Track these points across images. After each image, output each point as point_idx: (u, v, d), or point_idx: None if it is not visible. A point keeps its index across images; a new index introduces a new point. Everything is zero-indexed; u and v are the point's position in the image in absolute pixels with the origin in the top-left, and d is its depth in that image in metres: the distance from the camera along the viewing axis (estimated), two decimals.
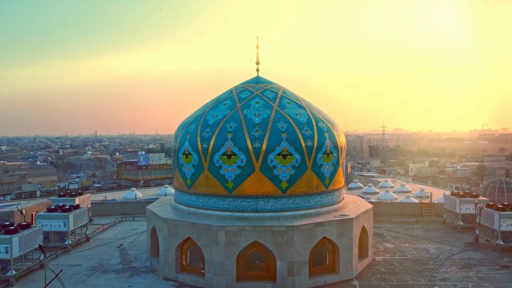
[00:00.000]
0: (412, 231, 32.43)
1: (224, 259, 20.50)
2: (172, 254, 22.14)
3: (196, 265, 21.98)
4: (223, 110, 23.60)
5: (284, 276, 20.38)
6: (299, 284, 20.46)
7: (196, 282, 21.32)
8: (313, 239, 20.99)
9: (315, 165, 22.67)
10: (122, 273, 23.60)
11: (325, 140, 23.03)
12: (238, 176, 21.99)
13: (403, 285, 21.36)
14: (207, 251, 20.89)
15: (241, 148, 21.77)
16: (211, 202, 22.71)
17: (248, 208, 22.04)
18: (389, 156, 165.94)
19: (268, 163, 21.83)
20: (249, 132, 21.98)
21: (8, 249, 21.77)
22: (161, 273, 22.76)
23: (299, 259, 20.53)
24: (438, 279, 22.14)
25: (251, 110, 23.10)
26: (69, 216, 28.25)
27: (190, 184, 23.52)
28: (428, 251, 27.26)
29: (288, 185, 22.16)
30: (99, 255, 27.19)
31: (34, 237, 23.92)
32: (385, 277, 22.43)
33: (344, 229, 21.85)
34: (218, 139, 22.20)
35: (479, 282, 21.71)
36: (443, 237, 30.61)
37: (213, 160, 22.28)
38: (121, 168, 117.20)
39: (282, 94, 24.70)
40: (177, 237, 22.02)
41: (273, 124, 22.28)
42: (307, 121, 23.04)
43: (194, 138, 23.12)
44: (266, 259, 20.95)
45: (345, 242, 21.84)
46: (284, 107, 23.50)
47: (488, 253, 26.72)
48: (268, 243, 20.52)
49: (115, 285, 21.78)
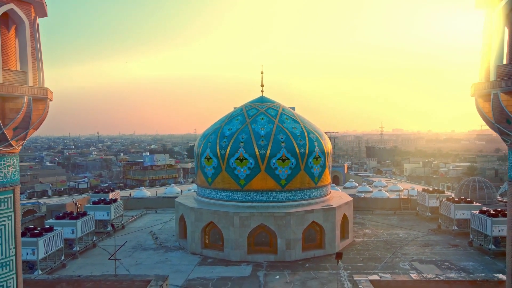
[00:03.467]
0: (389, 221, 39.34)
1: (238, 237, 27.47)
2: (197, 234, 29.11)
3: (216, 243, 28.93)
4: (236, 124, 30.58)
5: (283, 250, 27.35)
6: (294, 255, 27.42)
7: (216, 255, 28.29)
8: (305, 222, 27.95)
9: (307, 167, 29.62)
10: (158, 250, 30.59)
11: (314, 147, 29.98)
12: (248, 175, 28.96)
13: (373, 257, 28.28)
14: (225, 231, 27.86)
15: (251, 154, 28.73)
16: (227, 195, 29.68)
17: (255, 199, 29.01)
18: (386, 157, 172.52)
19: (271, 166, 28.79)
20: (257, 142, 28.94)
21: (74, 230, 28.79)
22: (189, 249, 29.71)
23: (294, 237, 27.48)
24: (401, 253, 29.06)
25: (257, 124, 30.07)
26: (111, 207, 35.26)
27: (211, 181, 30.51)
28: (398, 235, 34.14)
29: (286, 182, 29.13)
30: (136, 238, 34.12)
31: (90, 222, 30.97)
32: (360, 252, 29.38)
33: (328, 215, 28.79)
34: (233, 147, 29.17)
35: (431, 255, 28.63)
36: (413, 225, 37.52)
37: (229, 163, 29.24)
38: (127, 168, 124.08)
39: (282, 111, 31.67)
40: (202, 222, 28.99)
41: (274, 136, 29.25)
42: (301, 133, 29.99)
43: (214, 146, 30.09)
44: (270, 237, 27.92)
45: (329, 225, 28.78)
46: (283, 122, 30.46)
47: (445, 236, 33.62)
48: (271, 225, 27.49)
49: (155, 258, 28.76)
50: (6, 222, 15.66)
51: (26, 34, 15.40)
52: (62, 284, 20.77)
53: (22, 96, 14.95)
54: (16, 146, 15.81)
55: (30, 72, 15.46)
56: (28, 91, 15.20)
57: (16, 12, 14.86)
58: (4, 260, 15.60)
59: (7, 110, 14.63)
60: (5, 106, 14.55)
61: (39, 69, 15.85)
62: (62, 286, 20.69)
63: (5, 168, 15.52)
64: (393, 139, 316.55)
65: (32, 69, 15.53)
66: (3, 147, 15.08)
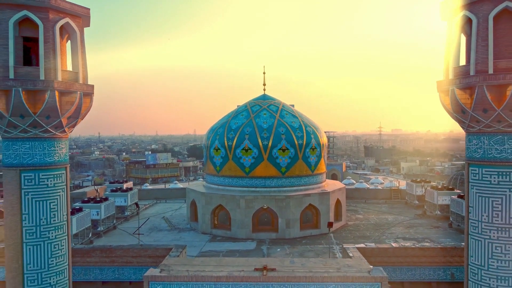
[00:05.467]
0: (379, 208, 43.14)
1: (244, 218, 31.26)
2: (208, 216, 32.88)
3: (224, 223, 32.72)
4: (242, 119, 34.39)
5: (283, 228, 31.14)
6: (293, 233, 31.22)
7: (224, 233, 32.08)
8: (302, 205, 31.74)
9: (304, 157, 33.42)
10: (172, 231, 34.39)
11: (311, 139, 33.78)
12: (253, 164, 32.79)
13: (363, 236, 32.07)
14: (232, 213, 31.65)
15: (255, 145, 32.54)
16: (234, 181, 33.51)
17: (259, 185, 32.86)
18: (384, 156, 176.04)
19: (273, 155, 32.58)
20: (260, 134, 32.74)
21: (99, 212, 32.60)
22: (200, 230, 33.49)
23: (293, 217, 31.28)
24: (387, 233, 32.85)
25: (261, 119, 33.88)
26: (128, 195, 39.08)
27: (219, 169, 34.32)
28: (387, 219, 37.94)
29: (286, 170, 32.93)
30: (151, 222, 37.83)
31: (111, 206, 34.78)
32: (352, 232, 33.17)
33: (323, 199, 32.58)
34: (239, 139, 32.97)
35: (414, 234, 32.42)
36: (401, 211, 41.33)
37: (235, 153, 33.04)
38: (130, 167, 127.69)
39: (282, 108, 35.51)
40: (211, 205, 32.79)
41: (276, 129, 33.05)
42: (299, 127, 33.81)
43: (222, 138, 33.88)
44: (271, 217, 31.72)
45: (324, 208, 32.55)
46: (283, 117, 34.28)
47: (429, 220, 37.41)
48: (273, 207, 31.30)
49: (170, 236, 32.55)
50: (60, 193, 19.65)
51: (77, 42, 19.40)
52: (97, 252, 24.64)
53: (75, 91, 18.96)
54: (68, 132, 19.79)
55: (80, 72, 19.48)
56: (80, 88, 19.20)
57: (70, 25, 18.83)
58: (59, 223, 19.53)
59: (63, 102, 18.61)
60: (62, 99, 18.52)
61: (86, 70, 19.81)
62: (97, 253, 24.56)
63: (60, 149, 19.51)
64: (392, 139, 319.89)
65: (82, 70, 19.51)
66: (59, 132, 19.07)
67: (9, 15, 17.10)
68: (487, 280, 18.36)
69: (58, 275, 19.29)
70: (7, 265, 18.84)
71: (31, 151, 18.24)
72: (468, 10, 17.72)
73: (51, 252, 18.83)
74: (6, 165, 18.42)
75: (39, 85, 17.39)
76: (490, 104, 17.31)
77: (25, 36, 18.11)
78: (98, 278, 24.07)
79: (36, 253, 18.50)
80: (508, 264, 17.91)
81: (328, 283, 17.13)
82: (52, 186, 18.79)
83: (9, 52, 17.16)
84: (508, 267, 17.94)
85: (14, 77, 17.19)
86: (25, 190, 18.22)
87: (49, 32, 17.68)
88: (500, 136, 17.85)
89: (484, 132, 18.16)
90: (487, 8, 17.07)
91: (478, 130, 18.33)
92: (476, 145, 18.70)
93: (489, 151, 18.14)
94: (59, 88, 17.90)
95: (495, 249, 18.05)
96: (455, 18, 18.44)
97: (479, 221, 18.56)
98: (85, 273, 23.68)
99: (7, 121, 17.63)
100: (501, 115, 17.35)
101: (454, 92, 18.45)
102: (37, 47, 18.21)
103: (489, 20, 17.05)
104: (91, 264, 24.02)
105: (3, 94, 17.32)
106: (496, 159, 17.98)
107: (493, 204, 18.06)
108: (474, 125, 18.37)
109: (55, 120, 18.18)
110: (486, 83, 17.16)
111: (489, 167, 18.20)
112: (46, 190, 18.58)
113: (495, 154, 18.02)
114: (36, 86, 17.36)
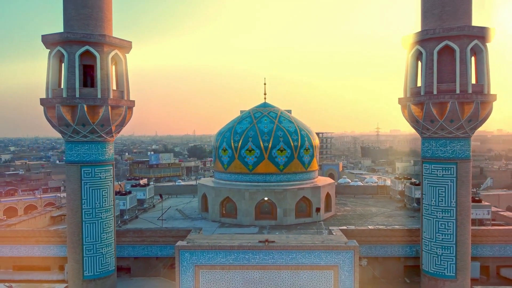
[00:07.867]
0: (366, 202, 48.83)
1: (248, 207, 36.99)
2: (217, 206, 38.61)
3: (231, 213, 38.43)
4: (246, 124, 40.16)
5: (281, 217, 36.88)
6: (290, 221, 36.94)
7: (231, 221, 37.80)
8: (297, 197, 37.47)
9: (299, 156, 39.17)
10: (186, 219, 40.09)
11: (305, 141, 39.53)
12: (255, 162, 38.51)
13: (348, 223, 37.64)
14: (238, 204, 37.38)
15: (257, 146, 38.27)
16: (239, 177, 39.24)
17: (261, 180, 38.57)
18: (380, 156, 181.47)
19: (272, 155, 38.31)
20: (261, 137, 38.50)
21: (125, 203, 38.31)
22: (210, 218, 39.18)
23: (290, 207, 37.02)
24: (370, 221, 38.53)
25: (262, 124, 39.64)
26: (146, 189, 44.81)
27: (226, 167, 40.07)
28: (371, 211, 43.62)
29: (284, 167, 38.69)
30: (166, 213, 43.38)
31: (134, 199, 40.54)
32: (340, 220, 38.88)
33: (315, 192, 38.31)
34: (244, 141, 38.72)
35: (392, 222, 38.07)
36: (385, 205, 47.02)
37: (241, 153, 38.78)
38: (133, 166, 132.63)
39: (280, 114, 41.29)
40: (220, 197, 38.51)
41: (275, 132, 38.80)
42: (295, 131, 39.56)
43: (228, 140, 39.63)
44: (271, 207, 37.44)
45: (316, 199, 38.27)
46: (281, 122, 40.04)
47: (407, 212, 43.07)
48: (273, 198, 37.03)
49: (185, 224, 38.20)
50: (109, 184, 25.43)
51: (122, 67, 25.11)
52: (130, 232, 30.31)
53: (122, 106, 24.71)
54: (114, 137, 25.53)
55: (125, 91, 25.20)
56: (125, 103, 24.97)
57: (118, 55, 24.50)
58: (108, 207, 25.16)
59: (113, 114, 24.34)
60: (113, 112, 24.25)
61: (128, 88, 25.55)
62: (130, 233, 30.21)
63: (109, 150, 25.31)
64: (390, 139, 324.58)
65: (126, 88, 25.26)
66: (109, 137, 24.82)
67: (75, 49, 22.88)
68: (435, 249, 24.19)
69: (107, 246, 25.04)
70: (69, 239, 24.58)
71: (89, 151, 24.00)
72: (419, 45, 23.55)
73: (102, 229, 24.58)
74: (70, 162, 24.21)
75: (98, 102, 23.16)
76: (435, 116, 23.13)
77: (84, 64, 23.84)
78: (131, 254, 29.71)
79: (92, 229, 24.25)
80: (450, 236, 23.73)
81: (314, 251, 22.81)
82: (104, 178, 24.57)
83: (75, 77, 22.90)
84: (450, 239, 23.75)
85: (79, 96, 22.94)
86: (84, 181, 23.98)
87: (104, 61, 23.43)
88: (443, 140, 23.68)
89: (432, 137, 23.98)
90: (433, 45, 22.90)
91: (428, 135, 24.14)
92: (427, 147, 24.51)
93: (436, 152, 23.96)
94: (111, 104, 23.66)
95: (440, 225, 23.87)
96: (412, 50, 24.23)
97: (429, 205, 24.39)
98: (120, 250, 29.08)
99: (73, 129, 23.40)
100: (443, 125, 23.16)
101: (410, 107, 24.26)
102: (91, 70, 24.00)
103: (434, 54, 22.86)
104: (125, 243, 29.63)
105: (71, 109, 23.11)
106: (441, 157, 23.81)
107: (439, 192, 23.91)
108: (425, 132, 24.18)
109: (107, 128, 23.95)
110: (432, 101, 22.99)
111: (436, 163, 24.03)
112: (99, 181, 24.35)
113: (440, 154, 23.84)
114: (95, 103, 23.12)
